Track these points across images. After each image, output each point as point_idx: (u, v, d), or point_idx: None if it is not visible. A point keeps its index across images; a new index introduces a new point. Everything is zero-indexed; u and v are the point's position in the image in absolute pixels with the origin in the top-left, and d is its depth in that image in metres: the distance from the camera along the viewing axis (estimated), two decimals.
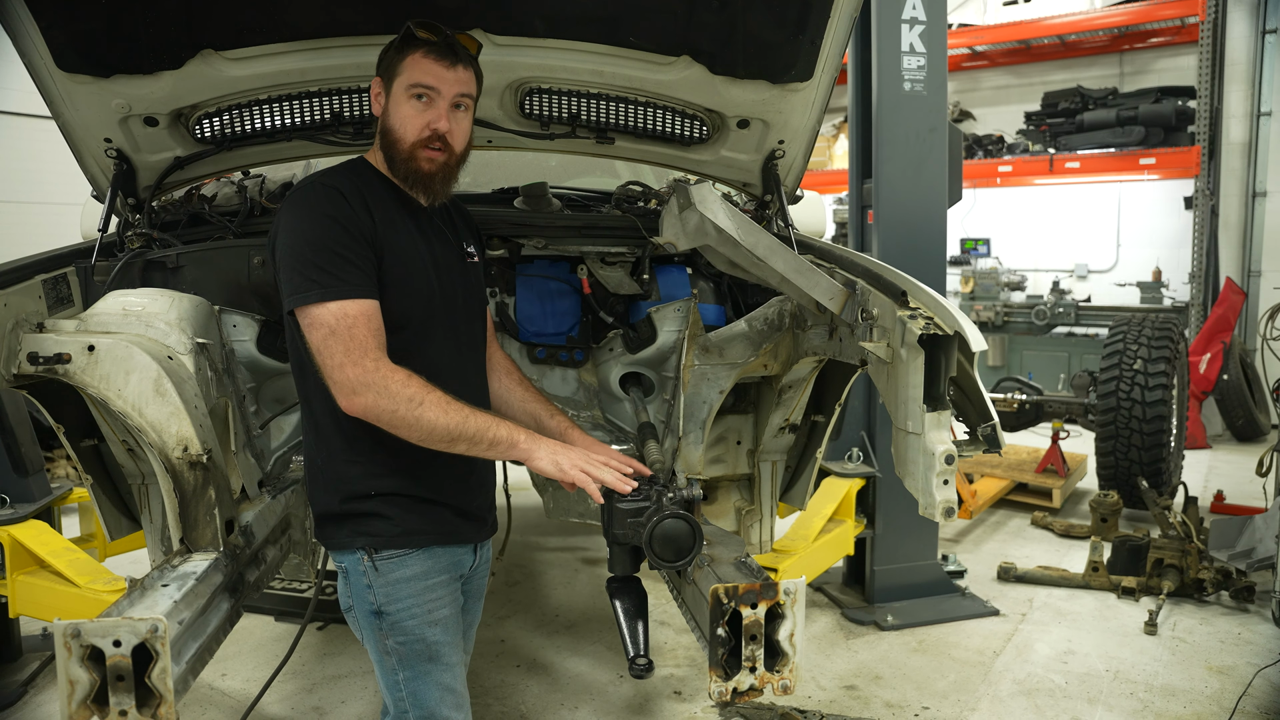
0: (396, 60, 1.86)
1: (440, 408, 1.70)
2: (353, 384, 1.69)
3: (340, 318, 1.71)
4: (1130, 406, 5.26)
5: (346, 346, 1.69)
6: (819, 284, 2.25)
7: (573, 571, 4.61)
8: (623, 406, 2.79)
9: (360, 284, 1.75)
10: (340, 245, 1.75)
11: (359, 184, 1.86)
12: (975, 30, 9.59)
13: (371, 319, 1.74)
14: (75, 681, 1.53)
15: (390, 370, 1.70)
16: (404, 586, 1.85)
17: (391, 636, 1.86)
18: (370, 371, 1.69)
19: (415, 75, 1.83)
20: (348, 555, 1.87)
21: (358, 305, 1.73)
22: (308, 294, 1.72)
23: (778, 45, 2.39)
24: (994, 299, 9.34)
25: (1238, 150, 8.50)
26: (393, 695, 1.90)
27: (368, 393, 1.68)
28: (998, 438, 1.94)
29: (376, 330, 1.74)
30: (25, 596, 3.17)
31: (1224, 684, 3.42)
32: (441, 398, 1.71)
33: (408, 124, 1.85)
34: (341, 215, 1.77)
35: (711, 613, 1.75)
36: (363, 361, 1.69)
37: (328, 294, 1.71)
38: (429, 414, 1.69)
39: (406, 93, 1.84)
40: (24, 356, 2.03)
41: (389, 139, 1.87)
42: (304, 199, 1.83)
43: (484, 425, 1.74)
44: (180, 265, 2.42)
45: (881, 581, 4.20)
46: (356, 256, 1.76)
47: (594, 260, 2.75)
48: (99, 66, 2.25)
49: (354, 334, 1.70)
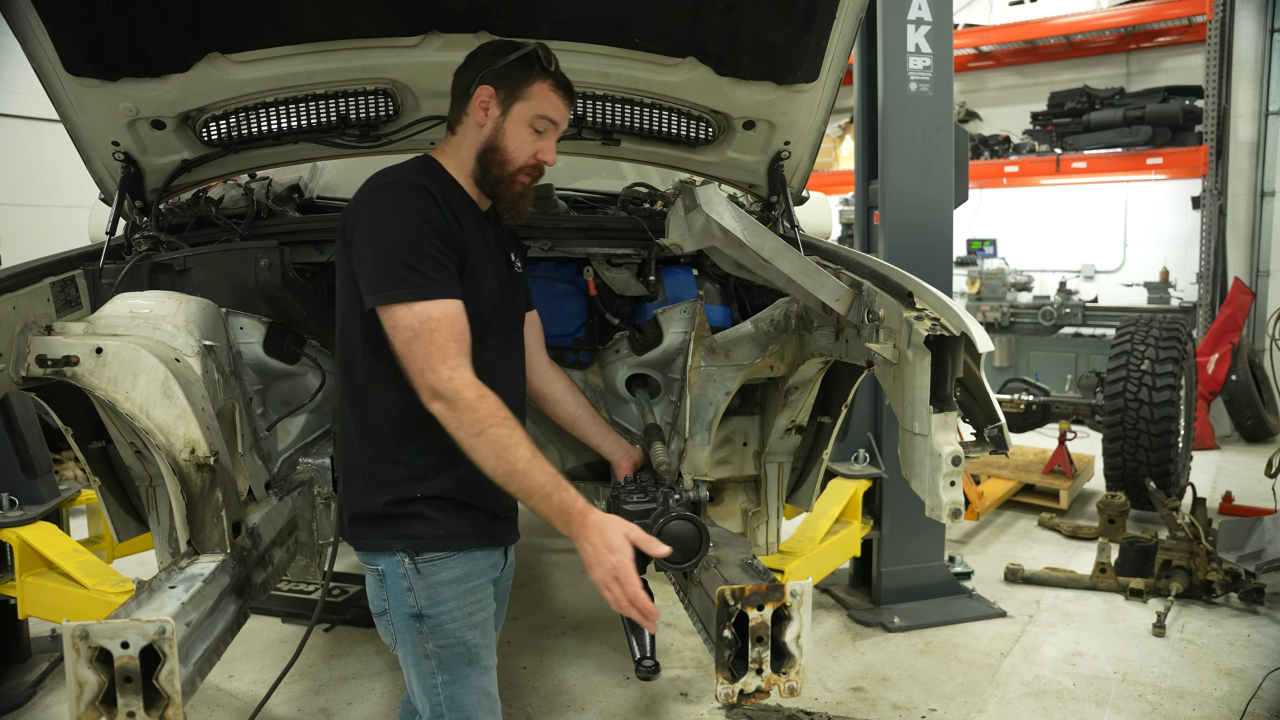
0: (523, 83, 1.86)
1: (496, 447, 1.67)
2: (430, 389, 1.69)
3: (424, 320, 1.69)
4: (1138, 407, 5.24)
5: (428, 350, 1.69)
6: (825, 285, 2.25)
7: (579, 573, 4.61)
8: (629, 408, 2.80)
9: (448, 284, 1.74)
10: (429, 244, 1.73)
11: (440, 186, 1.84)
12: (981, 30, 9.58)
13: (455, 321, 1.72)
14: (84, 683, 1.53)
15: (465, 385, 1.68)
16: (446, 589, 1.83)
17: (432, 640, 1.84)
18: (445, 381, 1.68)
19: (543, 107, 1.87)
20: (385, 557, 1.84)
21: (442, 307, 1.71)
22: (394, 292, 1.70)
23: (783, 46, 2.39)
24: (1000, 299, 9.32)
25: (1246, 150, 8.46)
26: (430, 699, 1.87)
27: (439, 402, 1.69)
28: (1004, 439, 1.94)
29: (459, 334, 1.72)
30: (34, 598, 3.18)
31: (1233, 686, 3.40)
32: (504, 436, 1.67)
33: (522, 150, 1.88)
34: (431, 215, 1.76)
35: (718, 614, 1.75)
36: (439, 368, 1.68)
37: (414, 294, 1.70)
38: (482, 449, 1.68)
39: (530, 121, 1.87)
40: (32, 359, 2.04)
41: (494, 156, 1.88)
42: (393, 194, 1.79)
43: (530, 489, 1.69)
44: (187, 268, 2.42)
45: (888, 583, 4.19)
46: (444, 257, 1.75)
47: (600, 262, 2.76)
48: (107, 70, 2.26)
49: (435, 338, 1.69)
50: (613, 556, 1.70)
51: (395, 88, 2.48)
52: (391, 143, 2.59)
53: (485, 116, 1.88)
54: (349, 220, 1.81)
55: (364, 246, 1.76)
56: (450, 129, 1.95)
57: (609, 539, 1.71)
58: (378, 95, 2.49)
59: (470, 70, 1.90)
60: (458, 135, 1.92)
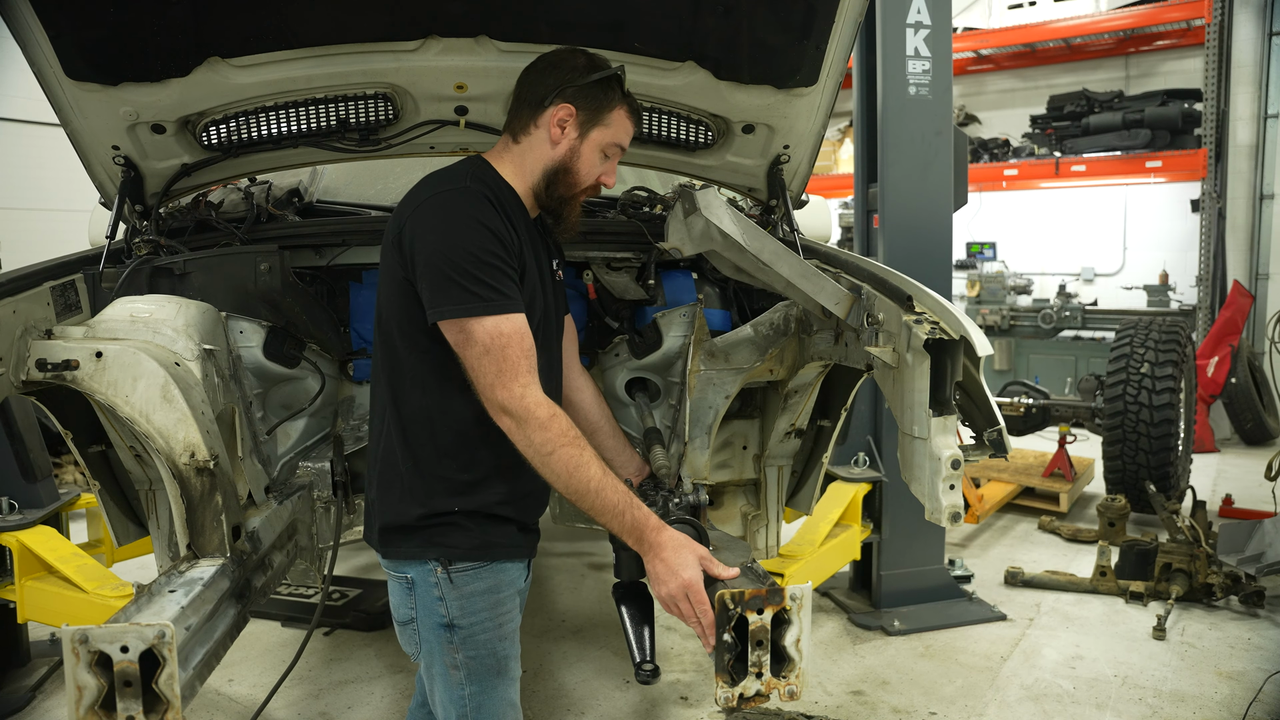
0: (605, 108, 1.86)
1: (567, 467, 1.68)
2: (500, 405, 1.68)
3: (495, 336, 1.67)
4: (1138, 410, 5.25)
5: (499, 367, 1.67)
6: (824, 289, 2.25)
7: (579, 577, 4.61)
8: (629, 412, 2.79)
9: (515, 297, 1.72)
10: (495, 256, 1.70)
11: (498, 193, 1.80)
12: (980, 34, 9.60)
13: (524, 337, 1.71)
14: (83, 687, 1.53)
15: (536, 404, 1.68)
16: (478, 600, 1.82)
17: (463, 650, 1.82)
18: (516, 399, 1.67)
19: (620, 136, 1.90)
20: (415, 566, 1.81)
21: (511, 322, 1.69)
22: (465, 306, 1.67)
23: (783, 50, 2.39)
24: (1000, 303, 9.34)
25: (1245, 153, 8.47)
26: (456, 709, 1.86)
27: (507, 418, 1.68)
28: (1004, 442, 1.94)
29: (529, 350, 1.71)
30: (33, 602, 3.18)
31: (1234, 690, 3.40)
32: (574, 456, 1.68)
33: (591, 172, 1.89)
34: (493, 224, 1.72)
35: (717, 618, 1.74)
36: (511, 386, 1.67)
37: (485, 308, 1.67)
38: (553, 468, 1.68)
39: (604, 147, 1.88)
40: (32, 363, 2.04)
41: (564, 177, 1.87)
42: (454, 202, 1.73)
43: (602, 508, 1.70)
44: (187, 272, 2.42)
45: (888, 586, 4.19)
46: (509, 268, 1.72)
47: (599, 265, 2.76)
48: (107, 75, 2.27)
49: (506, 354, 1.68)
50: (686, 573, 1.72)
51: (395, 92, 2.48)
52: (391, 147, 2.59)
53: (561, 135, 1.84)
54: (407, 227, 1.74)
55: (427, 256, 1.70)
56: (513, 136, 1.89)
57: (683, 558, 1.73)
58: (377, 99, 2.49)
59: (548, 81, 1.84)
60: (522, 145, 1.87)
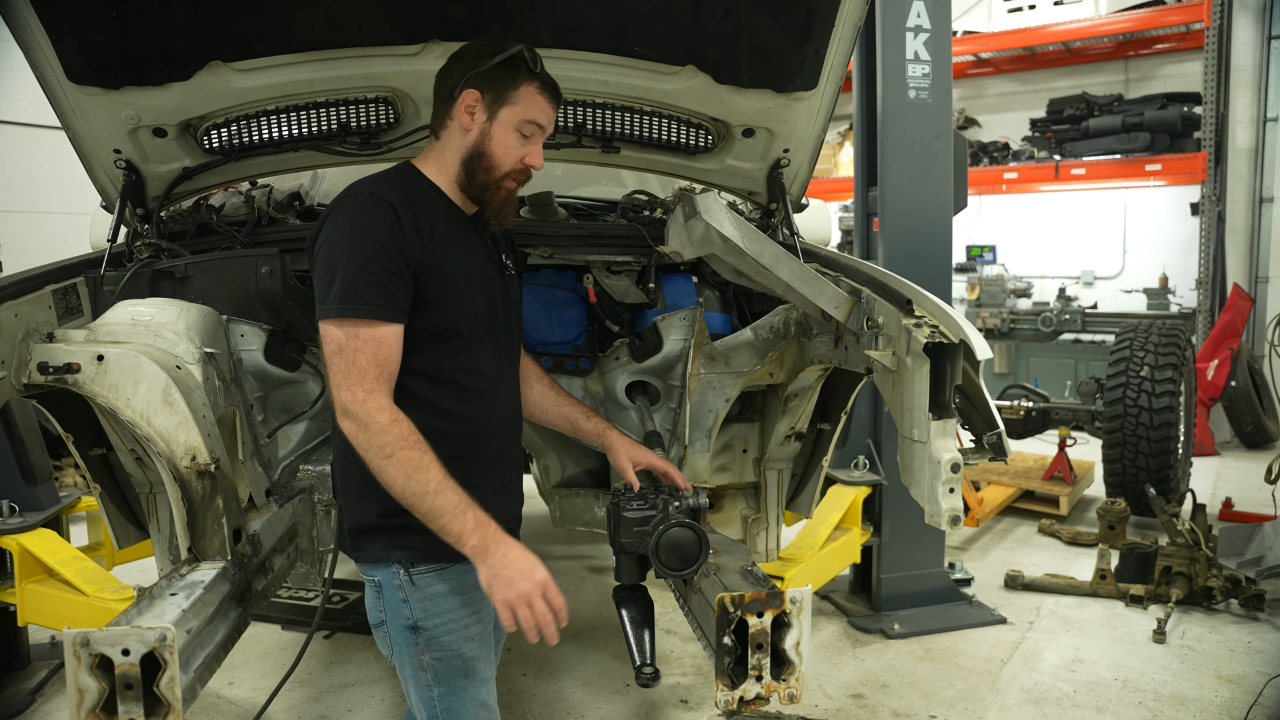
0: (509, 87, 1.82)
1: (406, 470, 1.64)
2: (343, 406, 1.68)
3: (350, 338, 1.68)
4: (1137, 413, 5.25)
5: (347, 368, 1.67)
6: (824, 292, 2.25)
7: (579, 580, 4.61)
8: (629, 415, 2.80)
9: (383, 305, 1.70)
10: (373, 262, 1.69)
11: (413, 196, 1.80)
12: (980, 37, 9.61)
13: (381, 345, 1.70)
14: (84, 690, 1.53)
15: (378, 409, 1.66)
16: (441, 601, 1.82)
17: (428, 652, 1.83)
18: (359, 402, 1.66)
19: (531, 112, 1.84)
20: (381, 569, 1.83)
21: (371, 330, 1.69)
22: (327, 306, 1.70)
23: (783, 54, 2.39)
24: (1000, 306, 9.34)
25: (1244, 156, 8.49)
26: (427, 711, 1.87)
27: (349, 420, 1.67)
28: (1004, 445, 1.94)
29: (383, 359, 1.70)
30: (34, 605, 3.17)
31: (1234, 693, 3.40)
32: (414, 459, 1.64)
33: (509, 155, 1.85)
34: (383, 231, 1.72)
35: (718, 621, 1.75)
36: (355, 389, 1.66)
37: (345, 310, 1.68)
38: (391, 471, 1.65)
39: (516, 125, 1.84)
40: (34, 366, 2.04)
41: (481, 162, 1.84)
42: (349, 208, 1.76)
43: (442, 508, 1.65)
44: (188, 275, 2.43)
45: (888, 589, 4.18)
46: (387, 275, 1.70)
47: (600, 269, 2.76)
48: (109, 78, 2.27)
49: (357, 358, 1.68)
50: (539, 573, 1.68)
51: (396, 96, 2.48)
52: (392, 150, 2.60)
53: (471, 121, 1.84)
54: (312, 233, 1.81)
55: (318, 262, 1.75)
56: (434, 133, 1.89)
57: (532, 559, 1.70)
58: (378, 103, 2.50)
59: (454, 73, 1.84)
60: (442, 140, 1.87)
